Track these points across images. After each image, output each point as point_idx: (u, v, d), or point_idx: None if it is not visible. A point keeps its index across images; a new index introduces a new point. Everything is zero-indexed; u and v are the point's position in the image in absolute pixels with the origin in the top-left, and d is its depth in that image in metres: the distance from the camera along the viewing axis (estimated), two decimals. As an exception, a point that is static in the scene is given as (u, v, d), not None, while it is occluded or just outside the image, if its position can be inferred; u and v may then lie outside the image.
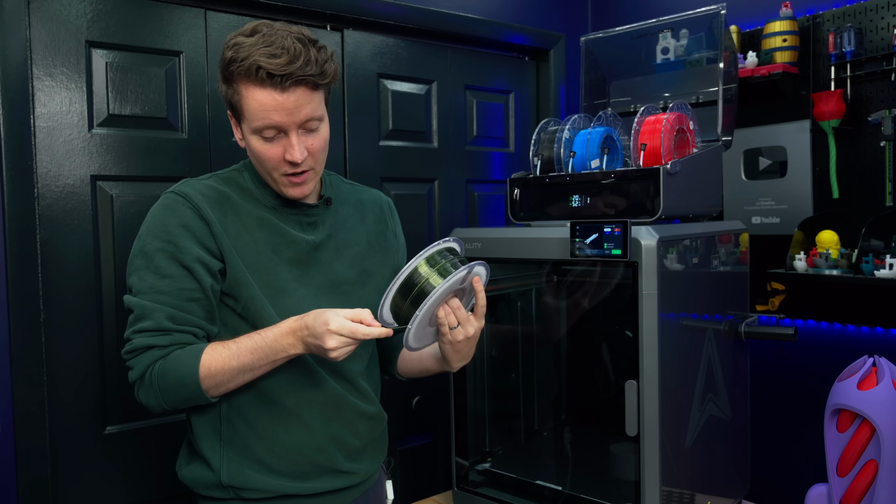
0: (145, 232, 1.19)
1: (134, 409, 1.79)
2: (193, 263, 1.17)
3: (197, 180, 1.25)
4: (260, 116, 1.14)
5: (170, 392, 1.15)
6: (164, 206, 1.20)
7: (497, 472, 1.75)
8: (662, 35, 1.93)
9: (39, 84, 1.66)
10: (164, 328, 1.16)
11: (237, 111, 1.18)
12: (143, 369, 1.16)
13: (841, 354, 2.02)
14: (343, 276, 1.31)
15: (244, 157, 1.31)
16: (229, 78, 1.15)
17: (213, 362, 1.14)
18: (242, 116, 1.17)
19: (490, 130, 2.52)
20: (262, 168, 1.22)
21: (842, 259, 1.95)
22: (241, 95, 1.14)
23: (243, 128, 1.19)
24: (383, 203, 1.46)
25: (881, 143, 1.96)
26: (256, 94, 1.12)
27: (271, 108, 1.13)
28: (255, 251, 1.22)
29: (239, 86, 1.14)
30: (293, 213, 1.27)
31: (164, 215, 1.19)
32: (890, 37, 1.93)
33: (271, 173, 1.21)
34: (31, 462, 1.63)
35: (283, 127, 1.15)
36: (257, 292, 1.21)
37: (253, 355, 1.14)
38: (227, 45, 1.14)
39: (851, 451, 1.55)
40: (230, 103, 1.19)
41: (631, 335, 1.43)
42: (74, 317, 1.70)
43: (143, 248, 1.18)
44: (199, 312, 1.18)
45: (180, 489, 1.86)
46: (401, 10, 2.18)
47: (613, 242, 1.42)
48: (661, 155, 1.59)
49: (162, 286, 1.16)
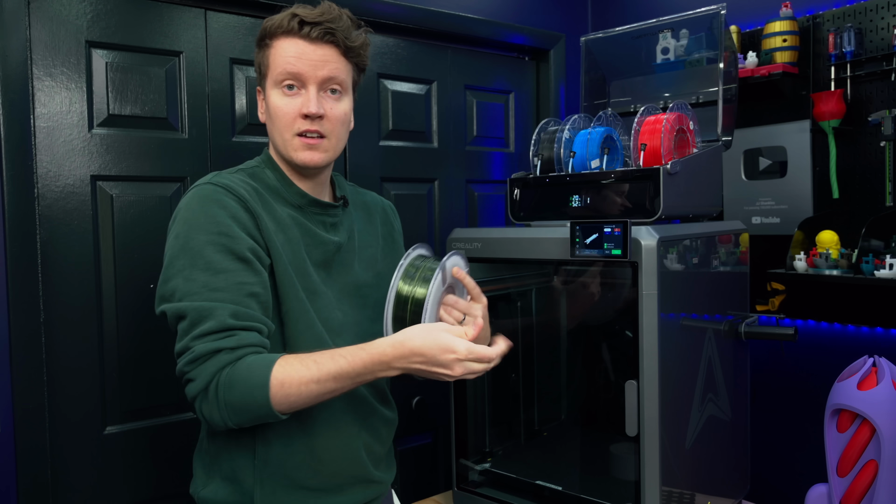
0: (184, 229, 1.07)
1: (134, 409, 1.79)
2: (249, 254, 1.08)
3: (227, 173, 1.18)
4: (283, 63, 1.14)
5: (238, 407, 1.02)
6: (205, 198, 1.09)
7: (497, 472, 1.75)
8: (662, 35, 1.93)
9: (39, 84, 1.66)
10: (229, 326, 1.02)
11: (263, 70, 1.18)
12: (209, 378, 1.02)
13: (841, 354, 2.02)
14: (362, 279, 1.28)
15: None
16: (263, 37, 1.17)
17: (289, 380, 1.01)
18: (267, 70, 1.17)
19: (490, 130, 2.52)
20: (277, 128, 1.17)
21: (842, 259, 1.95)
22: (271, 49, 1.16)
23: (267, 86, 1.18)
24: (386, 206, 1.45)
25: (881, 143, 1.96)
26: (285, 43, 1.15)
27: (296, 55, 1.14)
28: (291, 251, 1.16)
29: (271, 40, 1.16)
30: (317, 214, 1.23)
31: (207, 206, 1.08)
32: (890, 37, 1.93)
33: (284, 133, 1.17)
34: (31, 462, 1.63)
35: (304, 78, 1.15)
36: (301, 294, 1.15)
37: (337, 382, 1.03)
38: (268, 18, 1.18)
39: (851, 451, 1.55)
40: (259, 67, 1.19)
41: (631, 335, 1.43)
42: (74, 317, 1.70)
43: (187, 245, 1.06)
44: (259, 309, 1.08)
45: (180, 489, 1.87)
46: (401, 10, 2.18)
47: (613, 242, 1.42)
48: (661, 155, 1.59)
49: (217, 283, 1.04)
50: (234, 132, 1.93)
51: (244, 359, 1.03)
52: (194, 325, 1.03)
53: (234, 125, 1.93)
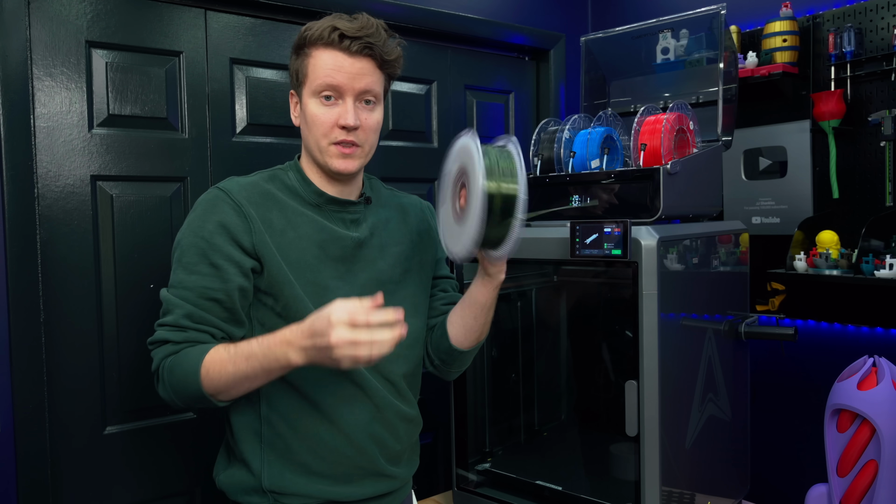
0: (185, 227, 1.20)
1: (134, 409, 1.79)
2: (222, 261, 1.16)
3: (243, 177, 1.27)
4: (323, 75, 1.18)
5: (178, 390, 1.14)
6: (206, 202, 1.21)
7: (497, 472, 1.75)
8: (662, 35, 1.93)
9: (39, 84, 1.66)
10: (180, 325, 1.15)
11: (300, 78, 1.22)
12: (158, 363, 1.17)
13: (841, 354, 2.02)
14: (387, 275, 1.30)
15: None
16: (301, 46, 1.22)
17: (212, 364, 1.11)
18: (305, 79, 1.21)
19: (490, 130, 2.52)
20: (313, 135, 1.22)
21: (842, 259, 1.95)
22: (309, 58, 1.20)
23: (303, 93, 1.22)
24: (424, 206, 1.47)
25: (881, 143, 1.96)
26: (324, 55, 1.19)
27: (335, 67, 1.18)
28: (300, 248, 1.21)
29: (310, 49, 1.20)
30: (336, 211, 1.27)
31: (204, 211, 1.19)
32: (890, 37, 1.93)
33: (320, 141, 1.22)
34: (30, 462, 1.63)
35: (342, 90, 1.19)
36: (298, 291, 1.19)
37: (248, 362, 1.08)
38: (308, 25, 1.23)
39: (851, 451, 1.55)
40: (296, 73, 1.24)
41: (631, 335, 1.43)
42: (74, 317, 1.70)
43: (180, 242, 1.19)
44: (219, 313, 1.17)
45: (180, 489, 1.87)
46: (401, 10, 2.18)
47: (613, 242, 1.42)
48: (661, 155, 1.59)
49: (187, 282, 1.16)
50: (234, 132, 1.93)
51: (187, 350, 1.14)
52: (163, 314, 1.19)
53: (234, 125, 1.93)
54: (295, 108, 1.27)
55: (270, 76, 1.99)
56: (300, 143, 1.29)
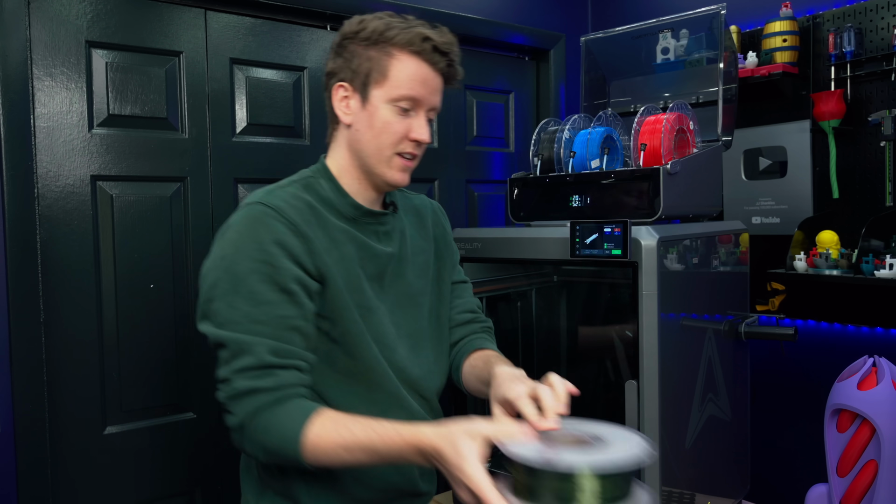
0: (231, 250, 1.04)
1: (134, 409, 1.79)
2: (293, 285, 1.04)
3: (280, 188, 1.12)
4: (407, 85, 1.10)
5: (269, 450, 1.01)
6: (253, 220, 1.05)
7: (497, 471, 1.75)
8: (662, 35, 1.93)
9: (39, 84, 1.66)
10: (268, 364, 1.00)
11: (372, 75, 1.11)
12: (245, 417, 1.00)
13: (841, 354, 2.02)
14: (416, 288, 1.24)
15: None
16: (382, 41, 1.11)
17: (320, 442, 0.98)
18: (383, 81, 1.11)
19: (490, 130, 2.52)
20: (379, 142, 1.13)
21: (842, 259, 1.95)
22: (393, 59, 1.10)
23: (373, 93, 1.11)
24: (435, 207, 1.40)
25: (881, 143, 1.96)
26: (411, 63, 1.11)
27: (421, 80, 1.12)
28: (345, 268, 1.12)
29: (393, 49, 1.10)
30: (370, 224, 1.18)
31: (255, 230, 1.04)
32: (890, 37, 1.93)
33: (384, 150, 1.13)
34: (31, 462, 1.63)
35: (420, 103, 1.13)
36: (355, 315, 1.11)
37: (368, 456, 0.98)
38: (373, 17, 1.13)
39: (851, 451, 1.55)
40: (364, 68, 1.11)
41: (631, 335, 1.43)
42: (74, 317, 1.70)
43: (231, 268, 1.02)
44: (301, 343, 1.05)
45: (180, 489, 1.87)
46: (400, 11, 2.18)
47: (613, 242, 1.42)
48: (661, 155, 1.59)
49: (259, 314, 1.01)
50: (234, 132, 1.93)
51: (283, 403, 1.00)
52: (235, 358, 1.00)
53: (234, 125, 1.93)
54: (345, 101, 1.14)
55: (270, 76, 1.99)
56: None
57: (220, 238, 1.07)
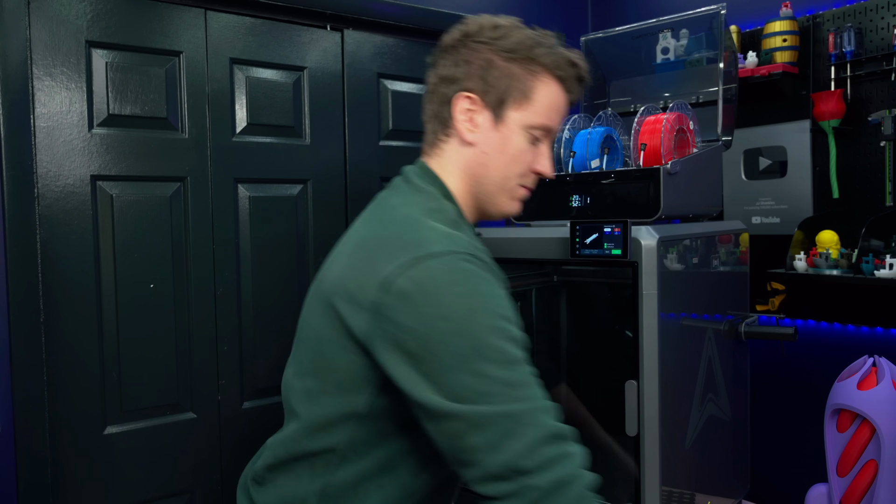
0: (465, 310, 0.84)
1: (134, 409, 1.79)
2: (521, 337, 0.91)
3: (448, 230, 0.94)
4: (547, 115, 1.02)
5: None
6: (469, 273, 0.87)
7: None
8: (662, 35, 1.93)
9: (39, 84, 1.66)
10: (560, 434, 0.84)
11: (512, 94, 1.00)
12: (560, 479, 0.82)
13: (841, 354, 2.02)
14: None
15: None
16: (531, 58, 1.01)
17: None
18: (526, 103, 1.00)
19: (490, 130, 2.52)
20: (506, 170, 1.01)
21: (842, 259, 1.95)
22: (538, 81, 1.01)
23: (512, 117, 1.00)
24: None
25: (881, 143, 1.96)
26: (555, 90, 1.02)
27: (558, 109, 1.03)
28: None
29: (539, 70, 1.01)
30: None
31: (478, 284, 0.87)
32: (890, 37, 1.93)
33: (511, 179, 1.02)
34: (31, 462, 1.63)
35: (550, 133, 1.04)
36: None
37: None
38: (511, 26, 1.04)
39: (851, 451, 1.55)
40: (505, 86, 1.00)
41: (631, 335, 1.43)
42: (74, 317, 1.70)
43: (467, 330, 0.84)
44: None
45: (180, 489, 1.87)
46: (401, 10, 2.18)
47: (613, 242, 1.42)
48: (661, 155, 1.59)
49: (515, 377, 0.85)
50: (234, 132, 1.93)
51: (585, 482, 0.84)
52: (511, 436, 0.81)
53: (234, 125, 1.93)
54: (469, 116, 1.00)
55: (270, 76, 1.99)
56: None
57: (423, 300, 0.85)
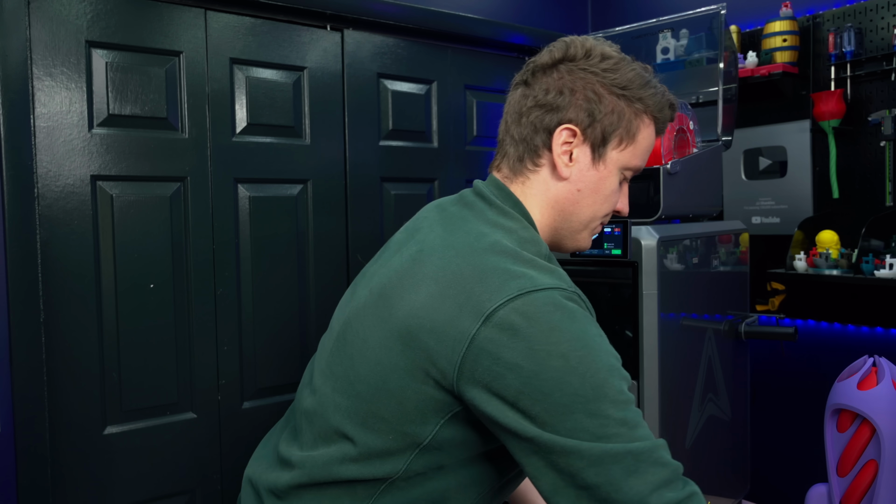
0: (582, 350, 0.81)
1: (134, 408, 1.79)
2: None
3: (545, 264, 0.90)
4: (643, 157, 0.98)
5: None
6: (577, 313, 0.84)
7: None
8: (662, 35, 1.94)
9: (39, 84, 1.66)
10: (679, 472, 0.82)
11: (616, 133, 0.95)
12: None
13: (841, 354, 2.02)
14: None
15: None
16: (635, 99, 0.95)
17: None
18: (629, 144, 0.95)
19: (490, 130, 2.52)
20: (595, 208, 0.98)
21: (842, 259, 1.95)
22: (643, 124, 0.96)
23: (613, 157, 0.96)
24: None
25: (881, 143, 1.96)
26: (652, 132, 0.98)
27: (651, 151, 0.99)
28: None
29: (643, 111, 0.96)
30: None
31: (592, 325, 0.86)
32: (890, 37, 1.93)
33: (596, 219, 1.00)
34: (30, 462, 1.63)
35: (636, 174, 1.01)
36: None
37: None
38: (619, 58, 0.96)
39: (851, 451, 1.55)
40: (611, 123, 0.94)
41: (631, 335, 1.43)
42: (74, 317, 1.70)
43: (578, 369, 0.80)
44: None
45: (180, 489, 1.87)
46: (401, 10, 2.18)
47: (613, 242, 1.42)
48: (661, 155, 1.59)
49: (629, 417, 0.81)
50: (234, 132, 1.93)
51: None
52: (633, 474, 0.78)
53: (234, 125, 1.93)
54: (567, 148, 0.94)
55: (270, 76, 1.99)
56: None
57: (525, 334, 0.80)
